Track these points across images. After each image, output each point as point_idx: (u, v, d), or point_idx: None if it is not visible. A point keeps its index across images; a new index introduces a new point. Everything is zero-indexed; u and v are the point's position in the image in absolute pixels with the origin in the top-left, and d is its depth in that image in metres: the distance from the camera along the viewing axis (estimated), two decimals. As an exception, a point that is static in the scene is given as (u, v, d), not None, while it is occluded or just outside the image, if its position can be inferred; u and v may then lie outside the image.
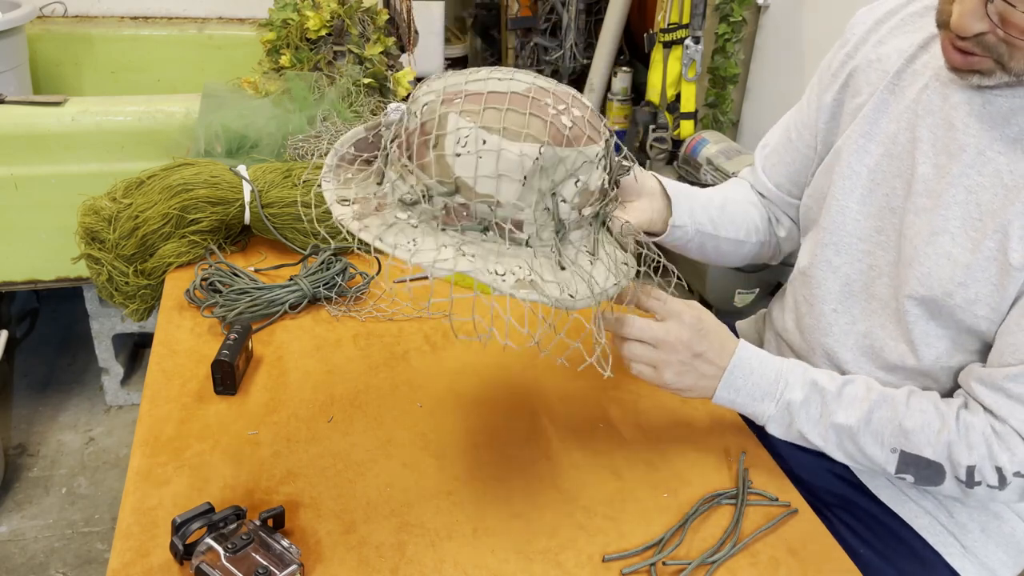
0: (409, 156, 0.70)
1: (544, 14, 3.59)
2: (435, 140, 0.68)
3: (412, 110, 0.72)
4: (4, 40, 2.04)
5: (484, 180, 0.68)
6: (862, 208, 0.93)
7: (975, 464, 0.81)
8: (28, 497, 1.87)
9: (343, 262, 1.19)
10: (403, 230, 0.70)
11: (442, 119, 0.68)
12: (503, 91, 0.69)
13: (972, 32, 0.75)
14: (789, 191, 1.08)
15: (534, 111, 0.69)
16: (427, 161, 0.69)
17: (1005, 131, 0.82)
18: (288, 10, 1.65)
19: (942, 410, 0.84)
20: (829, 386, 0.87)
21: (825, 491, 1.00)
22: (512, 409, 0.98)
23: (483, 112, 0.68)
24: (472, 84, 0.70)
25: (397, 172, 0.72)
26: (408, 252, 0.68)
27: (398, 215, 0.71)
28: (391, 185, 0.72)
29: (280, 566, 0.72)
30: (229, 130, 1.41)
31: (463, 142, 0.67)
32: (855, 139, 0.94)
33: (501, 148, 0.67)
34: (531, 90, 0.70)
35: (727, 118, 2.71)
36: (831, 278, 0.97)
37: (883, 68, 0.93)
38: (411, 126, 0.71)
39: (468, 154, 0.67)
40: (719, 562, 0.79)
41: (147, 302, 1.23)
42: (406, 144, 0.71)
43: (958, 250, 0.84)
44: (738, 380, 0.87)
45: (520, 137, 0.67)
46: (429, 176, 0.69)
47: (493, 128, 0.67)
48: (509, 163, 0.68)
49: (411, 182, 0.71)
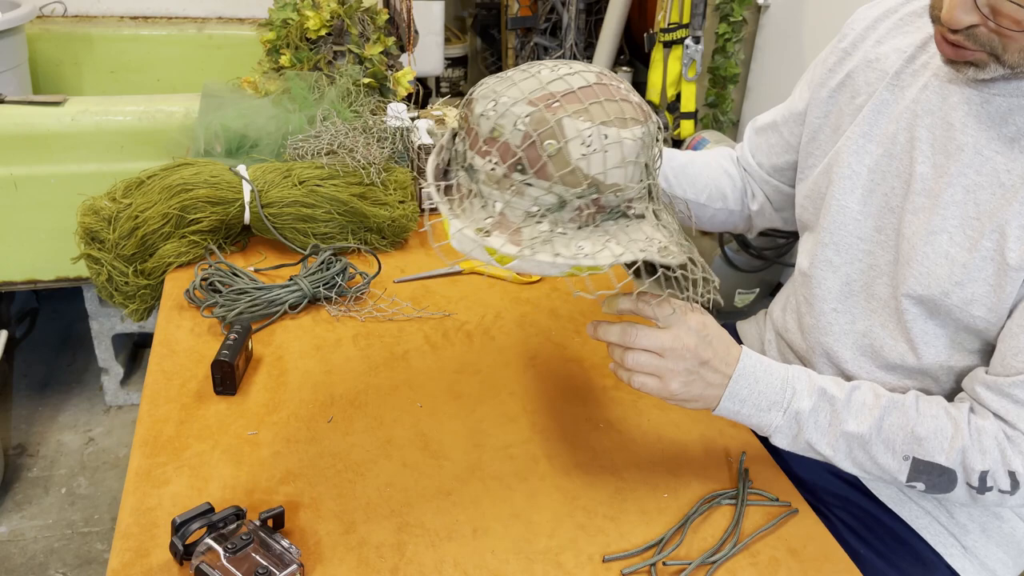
0: (529, 170, 0.71)
1: (544, 14, 3.59)
2: (563, 147, 0.69)
3: (506, 124, 0.71)
4: (4, 40, 2.04)
5: (613, 172, 0.71)
6: (862, 208, 0.93)
7: (988, 469, 0.80)
8: (28, 497, 1.87)
9: (343, 262, 1.19)
10: (566, 242, 0.72)
11: (558, 126, 0.69)
12: (585, 84, 0.71)
13: (962, 25, 0.75)
14: (767, 171, 1.12)
15: (620, 96, 0.72)
16: (559, 171, 0.70)
17: (1003, 130, 0.82)
18: (288, 10, 1.65)
19: (953, 415, 0.82)
20: (837, 393, 0.84)
21: (825, 491, 1.00)
22: (512, 409, 0.98)
23: (589, 109, 0.70)
24: (554, 84, 0.71)
25: (508, 189, 0.72)
26: (589, 258, 0.71)
27: (540, 229, 0.72)
28: (503, 204, 0.73)
29: (280, 566, 0.72)
30: (229, 130, 1.41)
31: (588, 142, 0.69)
32: (855, 139, 0.94)
33: (621, 138, 0.70)
34: (601, 77, 0.73)
35: (727, 118, 2.71)
36: (831, 278, 0.97)
37: (882, 68, 0.93)
38: (516, 140, 0.70)
39: (595, 152, 0.70)
40: (719, 562, 0.79)
41: (147, 302, 1.23)
42: (525, 159, 0.71)
43: (956, 250, 0.84)
44: (743, 390, 0.83)
45: (627, 123, 0.71)
46: (567, 184, 0.70)
47: (608, 121, 0.70)
48: (630, 150, 0.71)
49: (535, 194, 0.71)
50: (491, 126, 0.72)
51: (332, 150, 1.32)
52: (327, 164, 1.29)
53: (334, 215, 1.25)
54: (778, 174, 1.11)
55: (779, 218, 1.16)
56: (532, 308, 1.19)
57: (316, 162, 1.30)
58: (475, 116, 0.73)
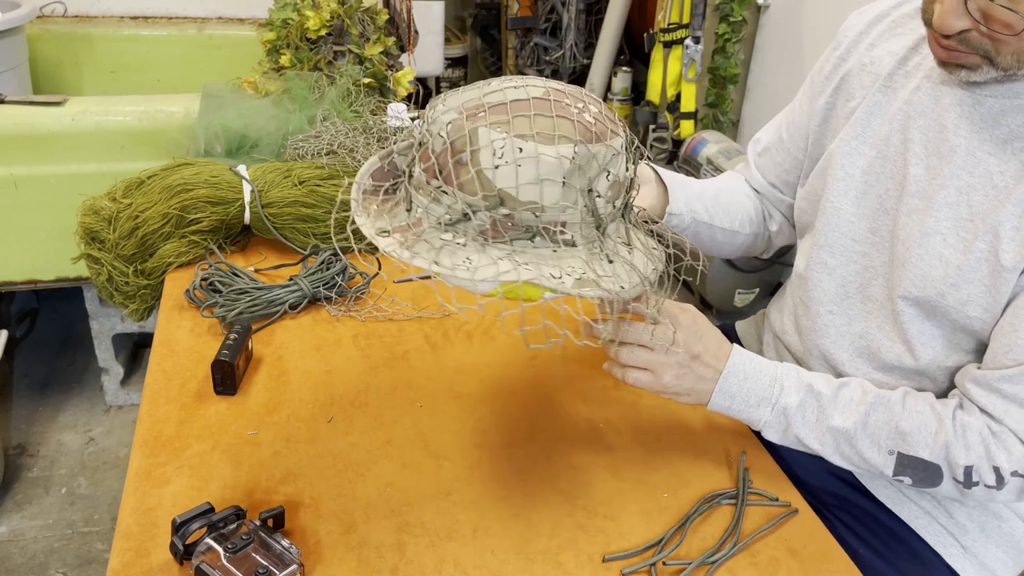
0: (441, 177, 0.70)
1: (544, 14, 3.59)
2: (470, 156, 0.68)
3: (434, 131, 0.71)
4: (4, 40, 2.04)
5: (526, 188, 0.68)
6: (856, 210, 0.94)
7: (973, 464, 0.81)
8: (28, 497, 1.87)
9: (343, 262, 1.19)
10: (454, 251, 0.69)
11: (472, 134, 0.68)
12: (524, 98, 0.69)
13: (954, 30, 0.76)
14: (780, 189, 1.10)
15: (559, 112, 0.69)
16: (464, 179, 0.68)
17: (995, 132, 0.82)
18: (288, 10, 1.65)
19: (938, 411, 0.84)
20: (824, 389, 0.87)
21: (825, 491, 1.00)
22: (512, 409, 0.98)
23: (512, 121, 0.68)
24: (491, 96, 0.70)
25: (428, 195, 0.71)
26: (468, 271, 0.68)
27: (442, 237, 0.70)
28: (423, 210, 0.72)
29: (280, 566, 0.72)
30: (229, 130, 1.41)
31: (499, 153, 0.67)
32: (848, 141, 0.94)
33: (539, 153, 0.67)
34: (549, 93, 0.70)
35: (727, 118, 2.71)
36: (827, 280, 0.97)
37: (875, 71, 0.94)
38: (437, 147, 0.70)
39: (507, 165, 0.67)
40: (719, 562, 0.79)
41: (147, 302, 1.23)
42: (437, 166, 0.70)
43: (950, 251, 0.84)
44: (733, 386, 0.86)
45: (554, 140, 0.67)
46: (469, 193, 0.68)
47: (526, 135, 0.67)
48: (549, 167, 0.68)
49: (448, 202, 0.70)
50: (423, 132, 0.72)
51: (332, 150, 1.32)
52: (327, 164, 1.29)
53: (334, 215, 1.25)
54: (790, 190, 1.09)
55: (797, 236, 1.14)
56: (532, 308, 1.19)
57: (316, 162, 1.30)
58: (425, 124, 0.73)
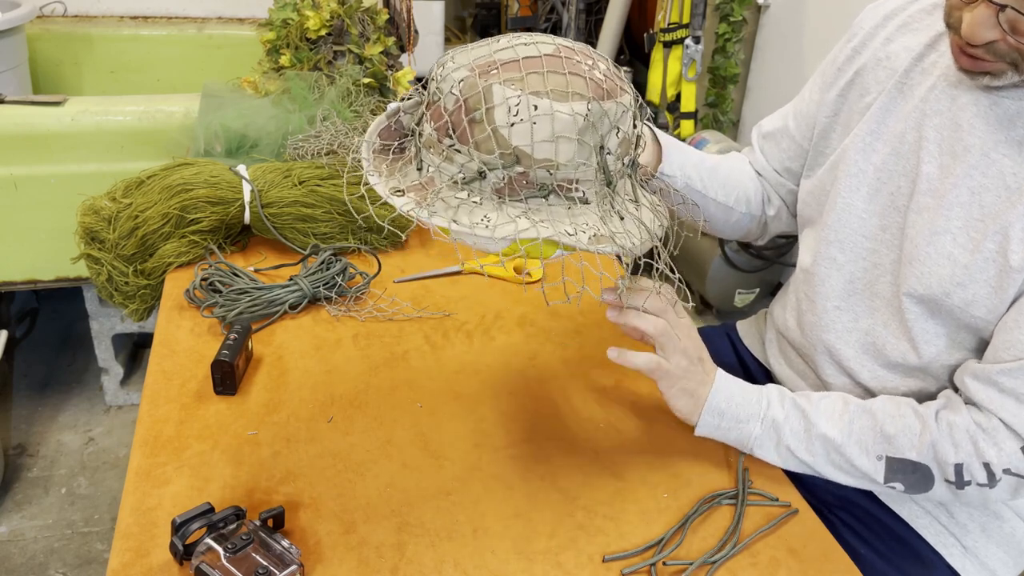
0: (455, 135, 0.69)
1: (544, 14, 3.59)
2: (484, 114, 0.67)
3: (444, 89, 0.70)
4: (4, 40, 2.04)
5: (541, 145, 0.68)
6: (867, 206, 0.93)
7: (962, 462, 0.81)
8: (28, 497, 1.87)
9: (343, 262, 1.19)
10: (471, 210, 0.69)
11: (486, 92, 0.67)
12: (535, 55, 0.69)
13: (983, 41, 0.76)
14: (782, 175, 1.11)
15: (571, 70, 0.69)
16: (479, 137, 0.68)
17: (1011, 133, 0.82)
18: (288, 10, 1.65)
19: (921, 412, 0.85)
20: (805, 404, 0.88)
21: (825, 491, 1.00)
22: (512, 409, 0.98)
23: (526, 78, 0.68)
24: (501, 53, 0.69)
25: (440, 154, 0.71)
26: (487, 229, 0.68)
27: (458, 196, 0.70)
28: (435, 169, 0.71)
29: (280, 566, 0.72)
30: (229, 130, 1.41)
31: (514, 111, 0.67)
32: (862, 137, 0.94)
33: (554, 111, 0.67)
34: (559, 50, 0.70)
35: (727, 118, 2.71)
36: (835, 275, 0.97)
37: (891, 67, 0.93)
38: (449, 105, 0.69)
39: (522, 122, 0.67)
40: (719, 562, 0.79)
41: (147, 302, 1.23)
42: (450, 124, 0.69)
43: (958, 250, 0.84)
44: (722, 403, 0.88)
45: (567, 97, 0.68)
46: (484, 152, 0.68)
47: (541, 92, 0.67)
48: (564, 124, 0.68)
49: (461, 161, 0.70)
50: (433, 90, 0.71)
51: (332, 150, 1.32)
52: (327, 164, 1.29)
53: (334, 215, 1.25)
54: (792, 177, 1.10)
55: (794, 223, 1.14)
56: (532, 308, 1.19)
57: (316, 162, 1.30)
58: (429, 82, 0.73)
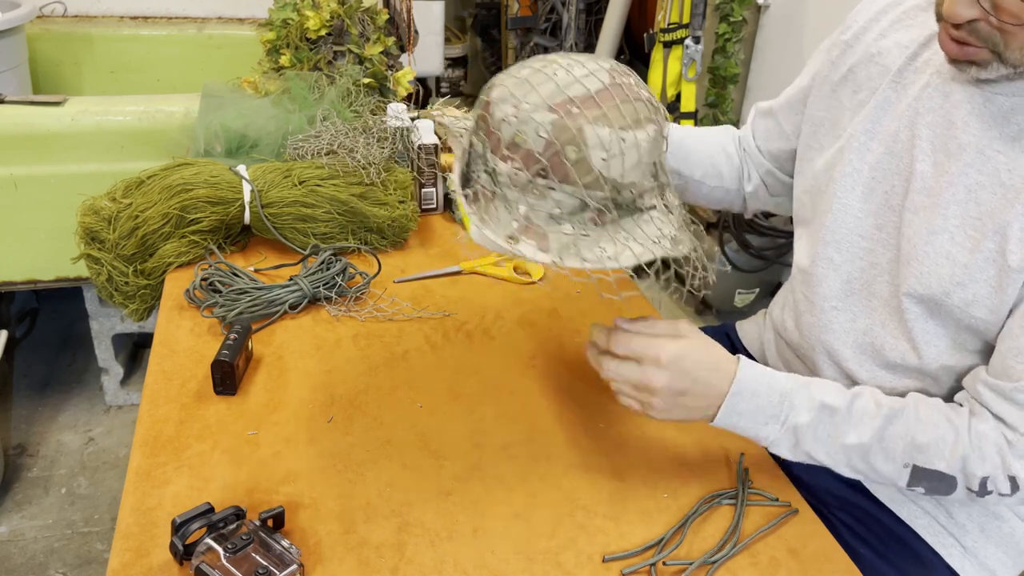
0: (555, 175, 0.73)
1: (544, 14, 3.59)
2: (583, 153, 0.72)
3: (528, 131, 0.73)
4: (4, 40, 2.04)
5: (630, 172, 0.74)
6: (863, 206, 0.93)
7: (989, 475, 0.80)
8: (28, 497, 1.87)
9: (343, 262, 1.19)
10: (590, 244, 0.75)
11: (579, 133, 0.72)
12: (601, 87, 0.73)
13: (964, 19, 0.76)
14: (764, 154, 1.14)
15: (633, 96, 0.74)
16: (581, 175, 0.73)
17: (1005, 130, 0.82)
18: (288, 10, 1.65)
19: (955, 422, 0.82)
20: (839, 404, 0.83)
21: (825, 491, 1.00)
22: (512, 409, 0.98)
23: (607, 114, 0.72)
24: (573, 88, 0.73)
25: (532, 193, 0.75)
26: (612, 260, 0.73)
27: (564, 231, 0.75)
28: (526, 207, 0.75)
29: (280, 566, 0.72)
30: (229, 130, 1.41)
31: (608, 147, 0.72)
32: (858, 136, 0.94)
33: (637, 140, 0.73)
34: (613, 76, 0.75)
35: (727, 118, 2.71)
36: (832, 275, 0.97)
37: (884, 64, 0.93)
38: (539, 148, 0.73)
39: (615, 156, 0.73)
40: (719, 562, 0.79)
41: (147, 302, 1.23)
42: (548, 165, 0.73)
43: (957, 249, 0.83)
44: (741, 404, 0.83)
45: (640, 123, 0.74)
46: (587, 187, 0.73)
47: (624, 125, 0.73)
48: (644, 150, 0.74)
49: (557, 197, 0.74)
50: (513, 132, 0.74)
51: (332, 150, 1.32)
52: (327, 164, 1.29)
53: (334, 215, 1.25)
54: (772, 159, 1.13)
55: (772, 203, 1.18)
56: (532, 308, 1.19)
57: (316, 162, 1.30)
58: (495, 120, 0.75)
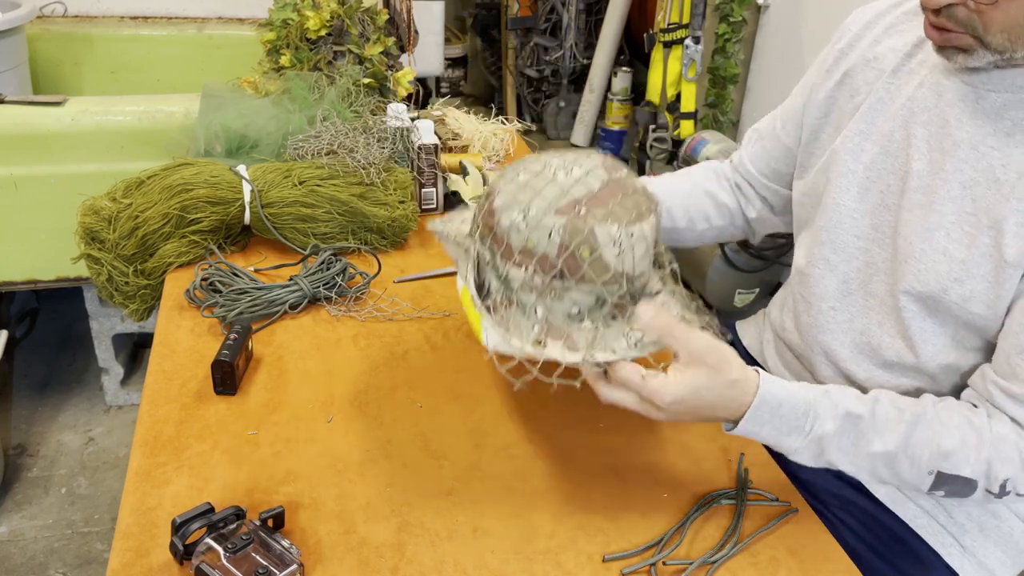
0: (572, 276, 0.76)
1: (544, 14, 3.59)
2: (597, 253, 0.75)
3: (539, 237, 0.75)
4: (4, 40, 2.04)
5: (640, 263, 0.77)
6: (858, 206, 0.94)
7: (1009, 477, 0.80)
8: (28, 497, 1.87)
9: (343, 262, 1.19)
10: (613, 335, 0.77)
11: (591, 234, 0.74)
12: (602, 184, 0.76)
13: (940, 3, 0.77)
14: (768, 176, 1.13)
15: (631, 189, 0.78)
16: (596, 274, 0.75)
17: (998, 126, 0.82)
18: (288, 10, 1.65)
19: (976, 424, 0.81)
20: (862, 412, 0.81)
21: (825, 491, 1.00)
22: (512, 409, 0.98)
23: (614, 211, 0.75)
24: (576, 189, 0.76)
25: (548, 294, 0.77)
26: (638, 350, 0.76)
27: (585, 328, 0.77)
28: (544, 309, 0.77)
29: (280, 566, 0.72)
30: (229, 130, 1.41)
31: (618, 243, 0.75)
32: (852, 137, 0.94)
33: (643, 233, 0.76)
34: (610, 171, 0.78)
35: (727, 118, 2.71)
36: (828, 276, 0.97)
37: (879, 67, 0.94)
38: (552, 251, 0.75)
39: (625, 251, 0.75)
40: (719, 562, 0.79)
41: (147, 302, 1.23)
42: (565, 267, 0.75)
43: (954, 246, 0.84)
44: (764, 415, 0.79)
45: (643, 215, 0.76)
46: (603, 284, 0.76)
47: (629, 220, 0.75)
48: (649, 240, 0.77)
49: (574, 297, 0.77)
50: (524, 238, 0.76)
51: (332, 150, 1.32)
52: (327, 164, 1.29)
53: (334, 215, 1.25)
54: (778, 179, 1.11)
55: (781, 222, 1.16)
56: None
57: (316, 162, 1.30)
58: (503, 228, 0.77)
